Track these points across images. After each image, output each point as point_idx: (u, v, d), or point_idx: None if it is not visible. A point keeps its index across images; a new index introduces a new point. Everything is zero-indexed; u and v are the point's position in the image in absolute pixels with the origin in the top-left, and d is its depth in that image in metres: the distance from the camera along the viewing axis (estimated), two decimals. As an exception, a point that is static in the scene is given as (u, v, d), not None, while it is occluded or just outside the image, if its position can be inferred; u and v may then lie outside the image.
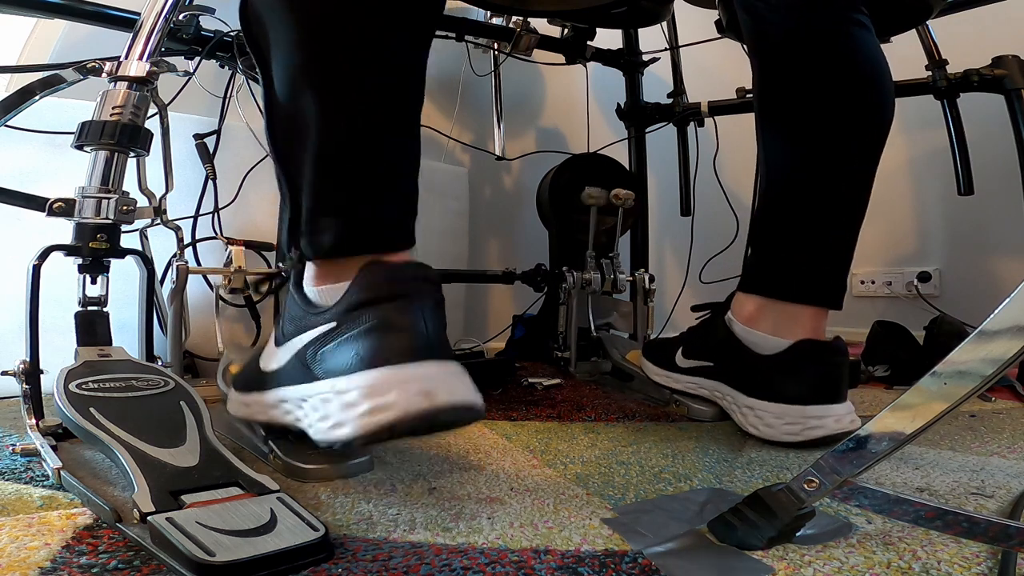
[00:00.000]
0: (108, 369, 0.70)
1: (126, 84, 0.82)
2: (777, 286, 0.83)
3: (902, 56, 1.05)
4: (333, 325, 0.55)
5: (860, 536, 0.49)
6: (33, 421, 0.71)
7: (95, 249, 0.79)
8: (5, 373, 0.73)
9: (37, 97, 0.87)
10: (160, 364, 0.78)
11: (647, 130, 1.76)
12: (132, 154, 0.83)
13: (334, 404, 0.53)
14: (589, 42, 1.64)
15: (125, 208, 0.81)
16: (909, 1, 1.09)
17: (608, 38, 1.72)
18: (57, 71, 0.87)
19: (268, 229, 1.29)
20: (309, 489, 0.60)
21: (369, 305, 0.53)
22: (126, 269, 0.85)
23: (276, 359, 0.63)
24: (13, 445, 0.68)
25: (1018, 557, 0.43)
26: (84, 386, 0.65)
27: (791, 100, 0.84)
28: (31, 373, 0.72)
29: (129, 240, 0.84)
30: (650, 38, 1.70)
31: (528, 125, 2.05)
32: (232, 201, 1.27)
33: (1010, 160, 1.31)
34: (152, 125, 0.86)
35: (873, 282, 1.79)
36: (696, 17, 1.49)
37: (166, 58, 0.88)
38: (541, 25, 1.59)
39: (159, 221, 0.89)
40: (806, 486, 0.45)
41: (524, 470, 0.68)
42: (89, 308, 0.80)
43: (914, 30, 1.29)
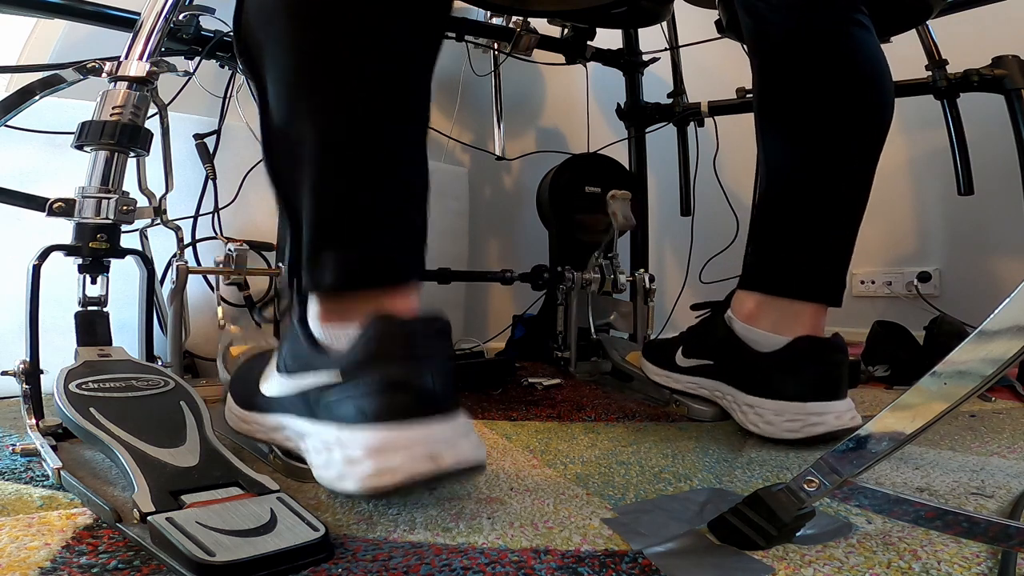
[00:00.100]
0: (108, 369, 0.70)
1: (126, 84, 0.82)
2: (777, 283, 0.83)
3: (902, 56, 1.05)
4: (338, 376, 0.54)
5: (860, 536, 0.49)
6: (33, 421, 0.71)
7: (95, 249, 0.79)
8: (5, 373, 0.73)
9: (37, 97, 0.87)
10: (160, 364, 0.78)
11: (647, 130, 1.76)
12: (132, 154, 0.83)
13: (337, 455, 0.52)
14: (589, 42, 1.64)
15: (125, 208, 0.81)
16: (909, 1, 1.10)
17: (608, 38, 1.72)
18: (57, 71, 0.87)
19: (268, 229, 1.29)
20: (309, 489, 0.60)
21: (376, 362, 0.52)
22: (126, 269, 0.85)
23: (278, 386, 0.62)
24: (13, 445, 0.68)
25: (1018, 557, 0.43)
26: (84, 386, 0.65)
27: (791, 100, 0.84)
28: (31, 373, 0.72)
29: (129, 240, 0.84)
30: (650, 38, 1.70)
31: (528, 125, 2.05)
32: (232, 201, 1.28)
33: (1010, 160, 1.31)
34: (152, 125, 0.86)
35: (873, 282, 1.79)
36: (696, 17, 1.48)
37: (166, 58, 0.88)
38: (541, 25, 1.59)
39: (159, 221, 0.89)
40: (806, 486, 0.45)
41: (524, 470, 0.68)
42: (89, 308, 0.80)
43: (914, 30, 1.29)
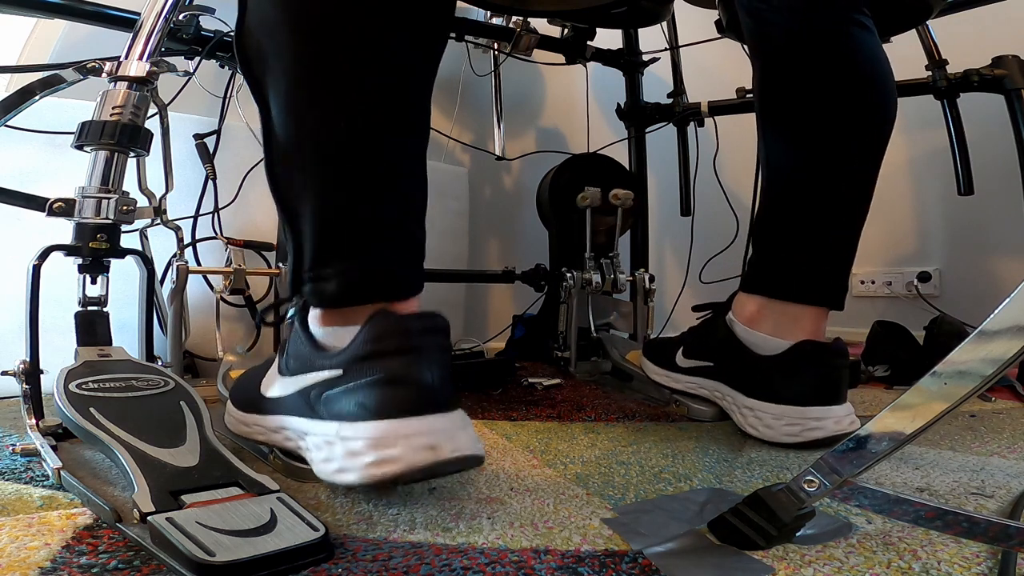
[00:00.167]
0: (108, 369, 0.70)
1: (126, 84, 0.82)
2: (778, 286, 0.83)
3: (902, 56, 1.05)
4: (340, 372, 0.55)
5: (860, 536, 0.49)
6: (33, 421, 0.71)
7: (95, 249, 0.79)
8: (5, 373, 0.73)
9: (37, 97, 0.87)
10: (160, 364, 0.78)
11: (647, 130, 1.76)
12: (132, 154, 0.83)
13: (338, 449, 0.53)
14: (589, 42, 1.64)
15: (125, 208, 0.81)
16: (909, 1, 1.09)
17: (608, 38, 1.72)
18: (57, 71, 0.87)
19: (268, 229, 1.29)
20: (309, 489, 0.60)
21: (377, 358, 0.53)
22: (126, 269, 0.85)
23: (279, 388, 0.63)
24: (13, 445, 0.68)
25: (1018, 557, 0.43)
26: (84, 386, 0.66)
27: (792, 100, 0.84)
28: (31, 373, 0.72)
29: (129, 240, 0.84)
30: (650, 38, 1.70)
31: (528, 125, 2.05)
32: (232, 201, 1.28)
33: (1010, 160, 1.31)
34: (152, 125, 0.86)
35: (873, 282, 1.79)
36: (696, 17, 1.48)
37: (166, 58, 0.88)
38: (541, 25, 1.59)
39: (159, 221, 0.89)
40: (806, 486, 0.45)
41: (524, 470, 0.68)
42: (89, 308, 0.80)
43: (914, 30, 1.29)
